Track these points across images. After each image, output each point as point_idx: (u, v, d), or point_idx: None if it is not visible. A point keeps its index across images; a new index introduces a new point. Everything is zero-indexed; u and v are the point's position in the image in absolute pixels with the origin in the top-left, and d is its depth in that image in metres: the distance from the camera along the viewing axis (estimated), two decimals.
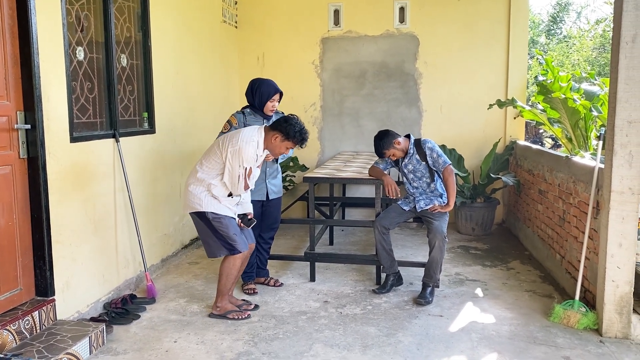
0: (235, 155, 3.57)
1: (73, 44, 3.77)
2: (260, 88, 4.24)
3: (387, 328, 3.72)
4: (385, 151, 4.24)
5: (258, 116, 4.28)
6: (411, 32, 6.76)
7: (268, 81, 4.31)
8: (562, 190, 4.61)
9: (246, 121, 4.24)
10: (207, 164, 3.70)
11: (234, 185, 3.66)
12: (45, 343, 3.16)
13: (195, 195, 3.70)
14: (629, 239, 3.46)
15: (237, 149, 3.57)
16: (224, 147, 3.62)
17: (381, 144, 4.23)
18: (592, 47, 14.92)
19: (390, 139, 4.23)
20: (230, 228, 3.73)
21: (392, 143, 4.22)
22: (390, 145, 4.23)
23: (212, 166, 3.68)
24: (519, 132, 6.74)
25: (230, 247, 3.75)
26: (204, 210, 3.68)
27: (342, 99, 6.99)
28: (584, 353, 3.34)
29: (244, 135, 3.62)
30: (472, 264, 5.19)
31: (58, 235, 3.52)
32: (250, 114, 4.28)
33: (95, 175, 3.97)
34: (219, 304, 3.90)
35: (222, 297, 3.90)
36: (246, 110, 4.31)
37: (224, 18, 6.55)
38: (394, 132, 4.29)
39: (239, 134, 3.64)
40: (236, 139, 3.60)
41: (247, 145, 3.57)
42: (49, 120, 3.43)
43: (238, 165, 3.58)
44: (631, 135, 3.41)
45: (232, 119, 4.26)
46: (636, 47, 3.37)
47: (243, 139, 3.59)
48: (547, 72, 5.93)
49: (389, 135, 4.24)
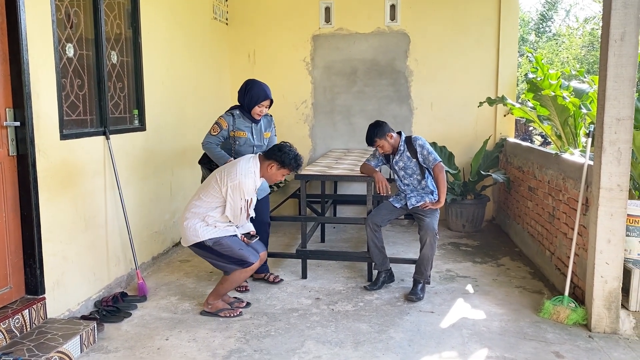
0: (235, 189, 3.60)
1: (62, 41, 3.74)
2: (252, 91, 4.22)
3: (379, 324, 3.74)
4: (377, 139, 4.25)
5: (247, 119, 4.26)
6: (402, 29, 6.77)
7: (261, 85, 4.27)
8: (552, 187, 4.65)
9: (235, 124, 4.22)
10: (205, 198, 3.70)
11: (236, 217, 3.71)
12: (35, 341, 3.14)
13: (191, 227, 3.70)
14: (617, 235, 3.50)
15: (236, 184, 3.59)
16: (222, 182, 3.63)
17: (374, 132, 4.24)
18: (581, 45, 15.03)
19: (384, 129, 4.25)
20: (233, 246, 3.72)
21: (385, 134, 4.24)
22: (383, 135, 4.24)
23: (211, 200, 3.69)
24: (509, 129, 6.78)
25: (241, 262, 3.74)
26: (201, 240, 3.69)
27: (333, 96, 6.99)
28: (573, 348, 3.38)
29: (241, 168, 3.64)
30: (463, 260, 5.22)
31: (48, 233, 3.50)
32: (239, 117, 4.26)
33: (86, 172, 3.94)
34: (211, 302, 3.89)
35: (216, 296, 3.89)
36: (235, 112, 4.28)
37: (214, 15, 6.53)
38: (389, 125, 4.31)
39: (236, 168, 3.64)
40: (234, 173, 3.61)
41: (246, 179, 3.62)
42: (38, 118, 3.40)
43: (240, 199, 3.63)
44: (620, 132, 3.45)
45: (222, 121, 4.23)
46: (625, 45, 3.40)
47: (241, 173, 3.61)
48: (536, 69, 5.97)
49: (384, 126, 4.26)
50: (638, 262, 3.58)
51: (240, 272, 3.77)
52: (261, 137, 4.38)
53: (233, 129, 4.24)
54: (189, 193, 5.76)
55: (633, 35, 3.39)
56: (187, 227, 3.71)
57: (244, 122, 4.26)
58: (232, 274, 3.79)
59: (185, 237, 3.76)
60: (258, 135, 4.35)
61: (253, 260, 3.76)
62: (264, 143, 4.41)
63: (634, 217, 3.56)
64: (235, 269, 3.76)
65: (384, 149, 4.30)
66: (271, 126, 4.50)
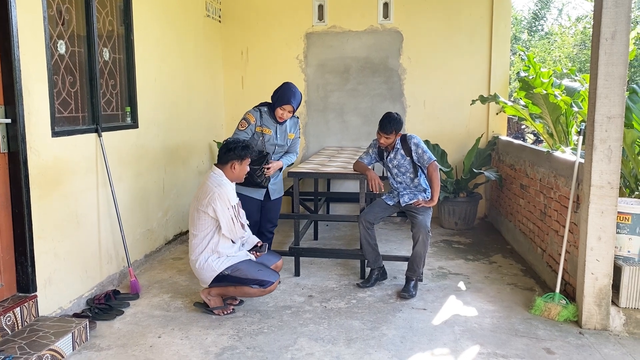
0: (218, 201, 3.63)
1: (54, 38, 3.72)
2: (279, 92, 4.25)
3: (371, 322, 3.75)
4: (393, 132, 4.22)
5: (271, 119, 4.27)
6: (395, 27, 6.78)
7: (290, 90, 4.25)
8: (543, 184, 4.68)
9: (262, 120, 4.25)
10: (200, 232, 3.72)
11: (232, 232, 3.73)
12: (27, 339, 3.13)
13: (205, 267, 3.74)
14: (608, 232, 3.52)
15: (216, 197, 3.63)
16: (204, 206, 3.66)
17: (395, 124, 4.21)
18: (573, 43, 15.10)
19: (400, 125, 4.26)
20: (251, 269, 3.76)
21: (400, 131, 4.27)
22: (399, 131, 4.26)
23: (204, 227, 3.72)
24: (501, 127, 6.80)
25: (260, 282, 3.75)
26: (219, 273, 3.73)
27: (326, 94, 7.00)
28: (564, 344, 3.40)
29: (211, 184, 3.70)
30: (455, 257, 5.24)
31: (40, 230, 3.49)
32: (266, 114, 4.27)
33: (78, 170, 3.93)
34: (213, 296, 3.86)
35: (221, 294, 3.89)
36: (263, 108, 4.30)
37: (207, 12, 6.51)
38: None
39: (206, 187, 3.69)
40: (206, 193, 3.67)
41: (220, 188, 3.67)
42: (29, 115, 3.38)
43: (227, 208, 3.65)
44: (610, 130, 3.47)
45: (249, 116, 4.27)
46: (616, 43, 3.42)
47: (213, 186, 3.67)
48: (529, 68, 6.00)
49: (401, 121, 4.26)
50: (628, 259, 3.61)
51: (261, 291, 3.79)
52: (285, 138, 4.37)
53: (260, 124, 4.26)
54: (182, 190, 5.75)
55: (624, 33, 3.41)
56: (200, 268, 3.75)
57: (269, 119, 4.27)
58: (250, 289, 3.78)
59: (203, 277, 3.79)
60: (282, 135, 4.34)
61: (273, 280, 3.78)
62: (286, 143, 4.40)
63: (624, 214, 3.59)
64: (256, 289, 3.78)
65: (387, 143, 4.30)
66: (296, 127, 4.48)
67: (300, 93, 4.33)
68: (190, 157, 6.00)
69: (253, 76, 7.10)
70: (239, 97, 7.11)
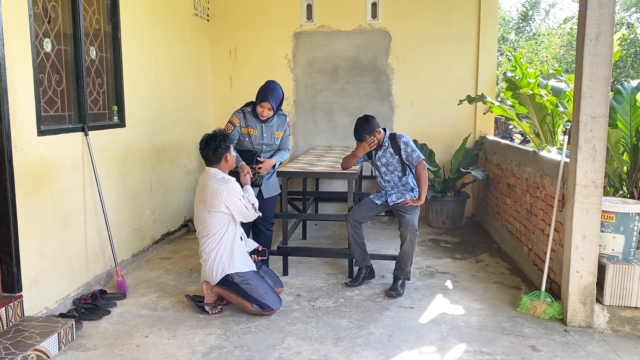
0: (231, 197, 3.70)
1: (40, 36, 3.69)
2: (260, 89, 4.24)
3: (359, 320, 3.76)
4: (367, 136, 4.26)
5: (255, 119, 4.27)
6: (383, 27, 6.80)
7: (268, 87, 4.24)
8: (530, 184, 4.72)
9: (246, 121, 4.25)
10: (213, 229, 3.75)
11: (246, 216, 3.82)
12: (12, 340, 3.10)
13: (215, 265, 3.78)
14: (592, 231, 3.56)
15: (227, 194, 3.69)
16: (214, 206, 3.71)
17: (366, 127, 4.25)
18: (559, 44, 15.24)
19: (374, 125, 4.28)
20: (260, 288, 3.80)
21: (374, 130, 4.27)
22: (373, 131, 4.26)
23: (218, 225, 3.75)
24: (488, 127, 6.85)
25: (261, 305, 3.78)
26: (229, 273, 3.76)
27: (315, 93, 7.00)
28: (549, 342, 3.44)
29: (215, 183, 3.73)
30: (443, 256, 5.27)
31: (25, 230, 3.46)
32: (249, 114, 4.27)
33: (64, 169, 3.90)
34: (214, 291, 3.89)
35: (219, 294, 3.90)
36: (247, 109, 4.30)
37: (195, 11, 6.49)
38: (377, 120, 4.34)
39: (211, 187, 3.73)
40: (215, 194, 3.70)
41: (227, 184, 3.72)
42: (15, 113, 3.35)
43: (239, 200, 3.73)
44: (595, 130, 3.51)
45: (234, 118, 4.27)
46: (600, 44, 3.46)
47: (219, 185, 3.71)
48: (515, 68, 6.04)
49: (373, 122, 4.28)
50: (612, 257, 3.66)
51: (259, 312, 3.80)
52: (272, 136, 4.35)
53: (245, 125, 4.25)
54: (169, 189, 5.73)
55: (608, 34, 3.45)
56: (210, 266, 3.79)
57: (253, 119, 4.27)
58: (250, 305, 3.79)
59: (212, 275, 3.80)
60: (269, 134, 4.33)
61: (274, 307, 3.82)
62: (274, 142, 4.38)
63: (608, 213, 3.63)
64: (255, 309, 3.79)
65: (372, 144, 4.30)
66: (284, 126, 4.45)
67: (282, 91, 4.31)
68: (178, 156, 5.97)
69: (241, 75, 7.09)
70: (227, 96, 7.09)
